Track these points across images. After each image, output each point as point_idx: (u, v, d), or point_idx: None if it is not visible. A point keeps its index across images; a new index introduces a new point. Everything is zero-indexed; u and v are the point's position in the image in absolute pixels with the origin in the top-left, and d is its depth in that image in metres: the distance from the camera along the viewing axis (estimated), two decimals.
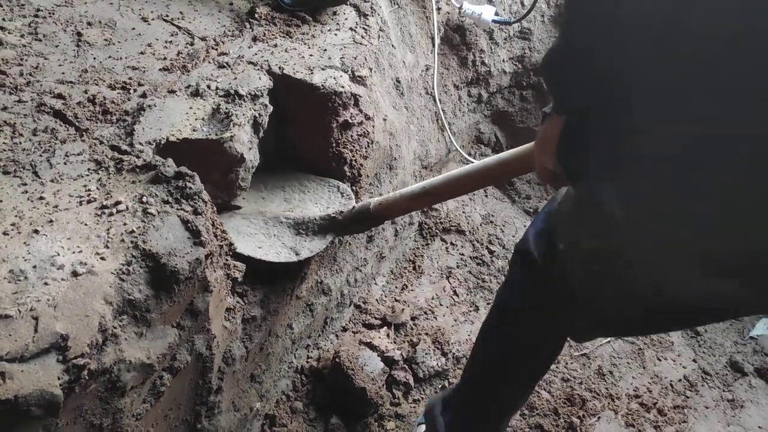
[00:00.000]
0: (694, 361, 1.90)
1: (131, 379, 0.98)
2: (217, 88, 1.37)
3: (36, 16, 1.59)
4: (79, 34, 1.56)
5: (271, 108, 1.41)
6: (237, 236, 1.32)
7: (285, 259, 1.30)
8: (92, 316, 0.89)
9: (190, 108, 1.33)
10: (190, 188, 1.08)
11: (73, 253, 0.95)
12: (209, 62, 1.50)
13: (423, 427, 1.52)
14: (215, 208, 1.16)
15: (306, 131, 1.54)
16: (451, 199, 1.39)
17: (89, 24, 1.60)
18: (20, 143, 1.19)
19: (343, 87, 1.47)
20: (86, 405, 0.93)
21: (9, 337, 0.83)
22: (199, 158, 1.25)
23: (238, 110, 1.33)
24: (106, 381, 0.94)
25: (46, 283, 0.90)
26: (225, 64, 1.47)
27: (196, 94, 1.36)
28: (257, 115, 1.37)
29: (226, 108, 1.31)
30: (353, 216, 1.36)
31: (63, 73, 1.41)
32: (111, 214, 1.03)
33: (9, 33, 1.52)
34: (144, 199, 1.05)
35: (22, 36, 1.52)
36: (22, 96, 1.32)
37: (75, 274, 0.92)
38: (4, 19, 1.55)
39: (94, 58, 1.48)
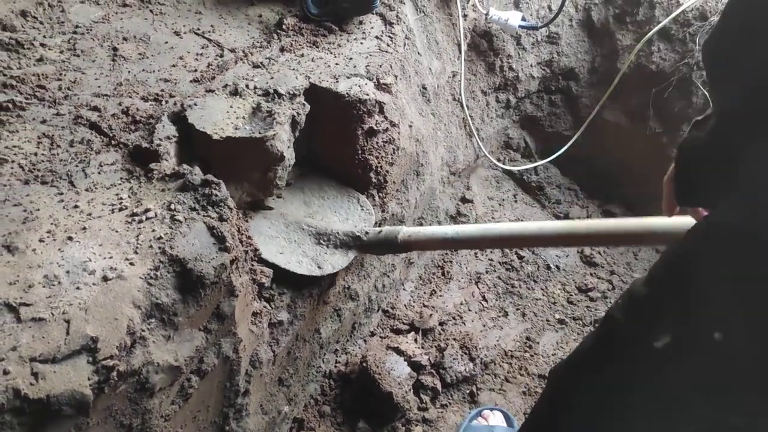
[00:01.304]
0: None
1: (159, 380, 1.01)
2: (255, 87, 1.40)
3: (75, 32, 1.66)
4: (114, 49, 1.62)
5: (308, 107, 1.42)
6: (258, 237, 1.35)
7: (307, 272, 1.33)
8: (121, 320, 0.93)
9: (231, 107, 1.35)
10: (216, 195, 1.11)
11: (104, 258, 0.99)
12: (243, 62, 1.52)
13: None
14: (240, 214, 1.19)
15: (332, 139, 1.56)
16: (476, 249, 1.38)
17: (125, 39, 1.66)
18: (57, 154, 1.24)
19: (367, 95, 1.49)
20: (116, 405, 0.97)
21: (42, 340, 0.86)
22: (239, 156, 1.28)
23: (279, 109, 1.35)
24: (135, 382, 0.98)
25: (78, 288, 0.93)
26: (260, 64, 1.49)
27: (234, 93, 1.39)
28: (295, 114, 1.39)
29: (268, 106, 1.33)
30: (379, 240, 1.37)
31: (99, 86, 1.47)
32: (140, 222, 1.07)
33: (49, 49, 1.59)
34: (172, 207, 1.09)
35: (61, 52, 1.58)
36: (60, 109, 1.37)
37: (105, 279, 0.96)
38: (45, 36, 1.61)
39: (129, 72, 1.53)
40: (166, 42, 1.65)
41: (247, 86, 1.40)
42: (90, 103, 1.40)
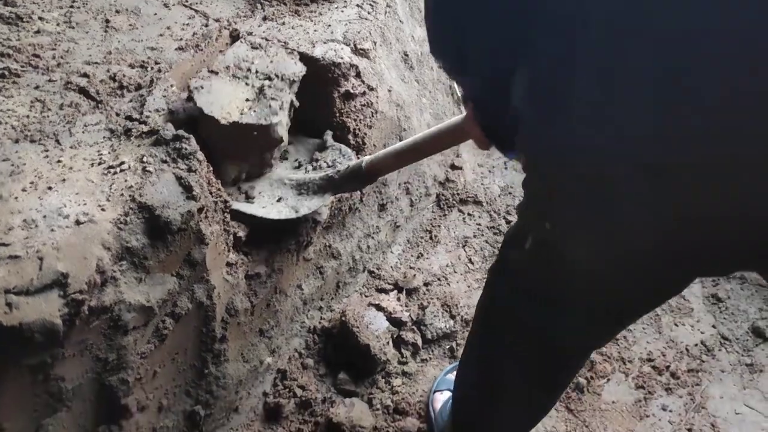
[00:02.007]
0: (714, 326, 1.88)
1: (132, 319, 1.10)
2: (257, 72, 1.44)
3: (71, 6, 1.74)
4: (107, 21, 1.70)
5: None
6: (241, 199, 1.42)
7: (285, 217, 1.39)
8: (90, 258, 1.01)
9: (235, 90, 1.40)
10: (186, 149, 1.18)
11: (79, 205, 1.07)
12: (242, 42, 1.56)
13: (445, 395, 1.59)
14: (212, 168, 1.26)
15: (310, 103, 1.62)
16: (432, 154, 1.45)
17: (117, 12, 1.74)
18: (48, 116, 1.33)
19: (342, 58, 1.55)
20: (91, 339, 1.05)
21: (17, 274, 0.95)
22: (243, 139, 1.36)
23: (280, 95, 1.41)
24: (108, 319, 1.06)
25: (52, 230, 1.02)
26: (258, 45, 1.54)
27: (237, 76, 1.43)
28: (293, 99, 1.46)
29: (272, 93, 1.39)
30: (348, 174, 1.43)
31: (90, 55, 1.55)
32: (115, 173, 1.15)
33: (47, 22, 1.68)
34: (144, 159, 1.17)
35: (57, 24, 1.67)
36: (53, 76, 1.46)
37: (78, 222, 1.04)
38: (43, 10, 1.70)
39: (119, 41, 1.61)
40: (155, 14, 1.73)
41: (249, 69, 1.44)
42: (80, 70, 1.48)
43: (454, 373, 1.57)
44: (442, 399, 1.59)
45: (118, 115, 1.36)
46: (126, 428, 1.19)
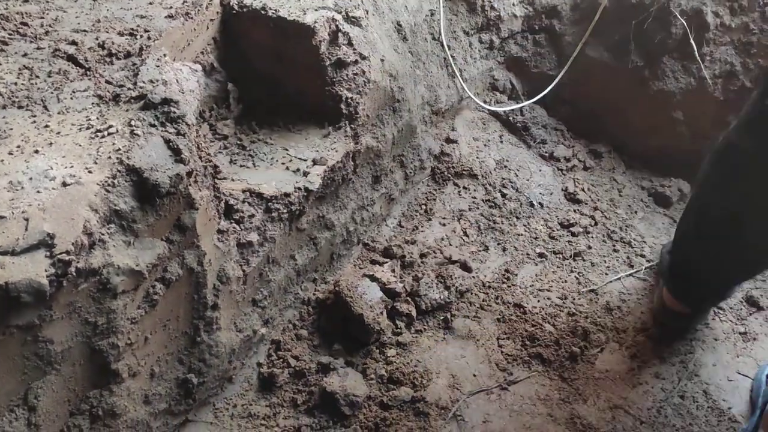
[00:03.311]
0: None
1: (121, 283, 1.09)
2: None
3: None
4: None
5: None
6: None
7: None
8: (77, 220, 1.00)
9: None
10: (174, 112, 1.17)
11: (65, 168, 1.06)
12: None
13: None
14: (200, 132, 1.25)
15: (303, 72, 1.61)
16: None
17: None
18: (36, 84, 1.31)
19: (334, 26, 1.53)
20: (79, 302, 1.05)
21: (2, 234, 0.94)
22: None
23: None
24: (97, 282, 1.05)
25: (38, 192, 1.01)
26: None
27: None
28: None
29: None
30: None
31: (78, 23, 1.53)
32: (103, 137, 1.14)
33: None
34: (132, 123, 1.15)
35: None
36: (41, 44, 1.44)
37: (64, 184, 1.03)
38: None
39: (108, 10, 1.59)
40: None
41: None
42: (69, 38, 1.46)
43: None
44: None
45: (108, 83, 1.34)
46: (117, 393, 1.19)
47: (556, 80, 2.23)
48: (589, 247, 2.04)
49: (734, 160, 1.45)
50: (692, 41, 2.00)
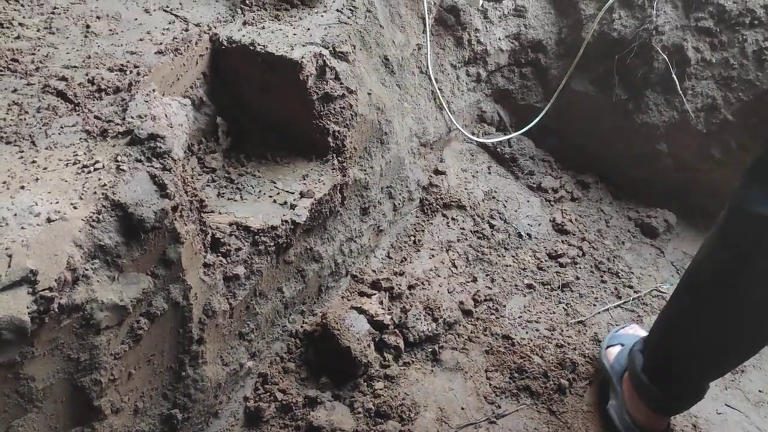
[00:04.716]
0: None
1: (105, 318, 1.09)
2: None
3: (52, 13, 1.75)
4: (87, 26, 1.71)
5: None
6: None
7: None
8: (61, 256, 1.00)
9: None
10: (160, 147, 1.18)
11: (50, 203, 1.06)
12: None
13: (617, 348, 1.68)
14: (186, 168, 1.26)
15: (291, 106, 1.63)
16: None
17: (98, 17, 1.75)
18: (25, 119, 1.33)
19: (321, 61, 1.56)
20: (62, 339, 1.04)
21: None
22: None
23: None
24: (80, 318, 1.05)
25: (22, 228, 1.01)
26: None
27: None
28: None
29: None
30: None
31: (69, 59, 1.55)
32: (89, 172, 1.15)
33: (27, 28, 1.68)
34: (118, 158, 1.16)
35: (38, 30, 1.68)
36: (31, 80, 1.46)
37: (49, 220, 1.03)
38: (24, 17, 1.71)
39: (98, 46, 1.61)
40: (136, 19, 1.74)
41: None
42: (59, 74, 1.48)
43: (625, 330, 1.75)
44: (614, 352, 1.68)
45: (97, 118, 1.36)
46: (100, 431, 1.17)
47: (543, 112, 2.26)
48: (577, 278, 2.04)
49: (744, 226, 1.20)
50: (674, 75, 2.04)
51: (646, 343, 1.52)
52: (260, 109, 1.69)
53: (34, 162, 1.19)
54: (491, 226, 2.17)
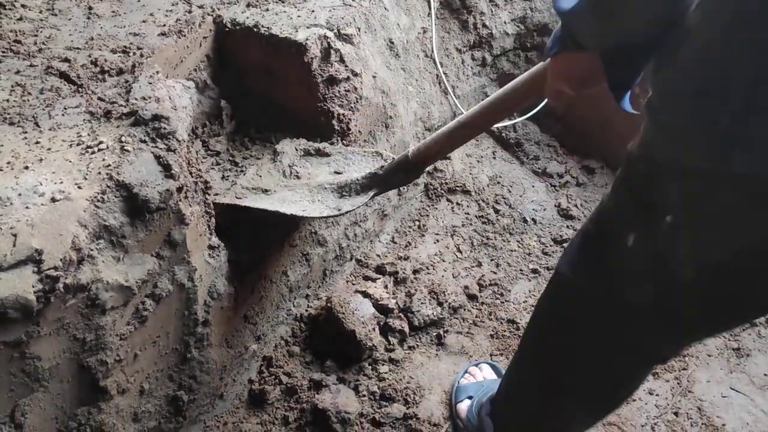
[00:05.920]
0: None
1: (110, 299, 1.08)
2: None
3: None
4: (90, 8, 1.70)
5: None
6: (282, 204, 1.39)
7: (328, 214, 1.35)
8: (66, 235, 1.00)
9: None
10: (165, 128, 1.17)
11: (55, 183, 1.06)
12: None
13: (466, 403, 1.56)
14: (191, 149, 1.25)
15: (295, 89, 1.62)
16: (485, 130, 1.33)
17: None
18: (28, 100, 1.32)
19: (326, 43, 1.55)
20: (68, 318, 1.04)
21: None
22: None
23: None
24: (85, 298, 1.05)
25: (27, 207, 1.01)
26: None
27: None
28: None
29: None
30: (394, 168, 1.36)
31: (72, 41, 1.55)
32: (93, 153, 1.14)
33: (29, 9, 1.67)
34: (122, 139, 1.16)
35: (40, 12, 1.67)
36: (34, 61, 1.45)
37: (53, 200, 1.03)
38: None
39: (101, 28, 1.60)
40: (139, 1, 1.73)
41: None
42: (61, 55, 1.47)
43: (468, 380, 1.59)
44: (465, 407, 1.55)
45: (101, 100, 1.35)
46: (106, 411, 1.18)
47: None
48: None
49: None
50: None
51: (493, 406, 1.43)
52: (264, 91, 1.68)
53: (38, 143, 1.18)
54: (496, 211, 2.16)
